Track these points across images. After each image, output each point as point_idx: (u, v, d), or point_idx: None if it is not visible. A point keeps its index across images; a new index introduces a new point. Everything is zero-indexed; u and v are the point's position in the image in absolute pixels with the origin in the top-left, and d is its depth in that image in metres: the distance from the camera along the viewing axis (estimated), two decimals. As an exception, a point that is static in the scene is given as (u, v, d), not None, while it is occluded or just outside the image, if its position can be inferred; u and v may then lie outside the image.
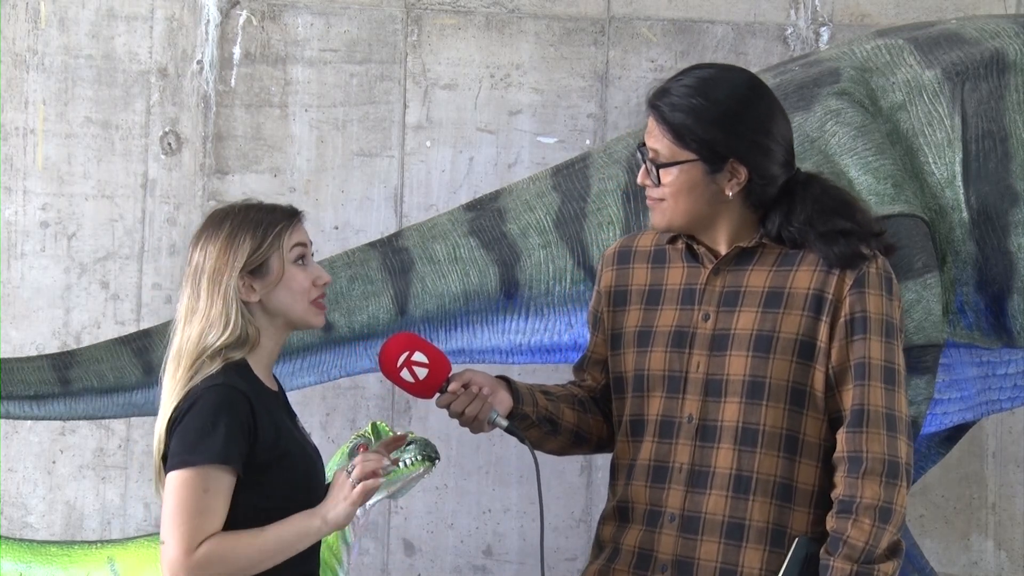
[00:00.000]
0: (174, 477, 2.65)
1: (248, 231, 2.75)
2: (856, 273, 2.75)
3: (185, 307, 2.76)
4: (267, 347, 2.79)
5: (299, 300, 2.79)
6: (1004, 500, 4.92)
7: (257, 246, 2.75)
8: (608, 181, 3.92)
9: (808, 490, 2.76)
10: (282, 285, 2.77)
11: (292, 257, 2.78)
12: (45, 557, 4.01)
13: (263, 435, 2.70)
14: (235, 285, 2.73)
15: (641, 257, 2.93)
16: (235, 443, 2.65)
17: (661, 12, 4.90)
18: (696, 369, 2.79)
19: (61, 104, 4.89)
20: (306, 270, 2.80)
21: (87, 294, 4.87)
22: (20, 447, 4.86)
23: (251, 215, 2.78)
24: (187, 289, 2.77)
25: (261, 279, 2.76)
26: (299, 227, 2.81)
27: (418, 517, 4.88)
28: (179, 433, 2.67)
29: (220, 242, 2.75)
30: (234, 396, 2.68)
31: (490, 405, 2.83)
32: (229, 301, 2.72)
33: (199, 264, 2.75)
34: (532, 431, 2.89)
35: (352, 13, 4.91)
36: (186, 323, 2.75)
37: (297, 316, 2.79)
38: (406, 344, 2.83)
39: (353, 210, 4.86)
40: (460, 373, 2.85)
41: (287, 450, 2.74)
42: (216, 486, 2.64)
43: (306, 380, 4.08)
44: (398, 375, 2.82)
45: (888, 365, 2.74)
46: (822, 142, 3.73)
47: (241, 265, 2.73)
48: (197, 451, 2.64)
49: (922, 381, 3.63)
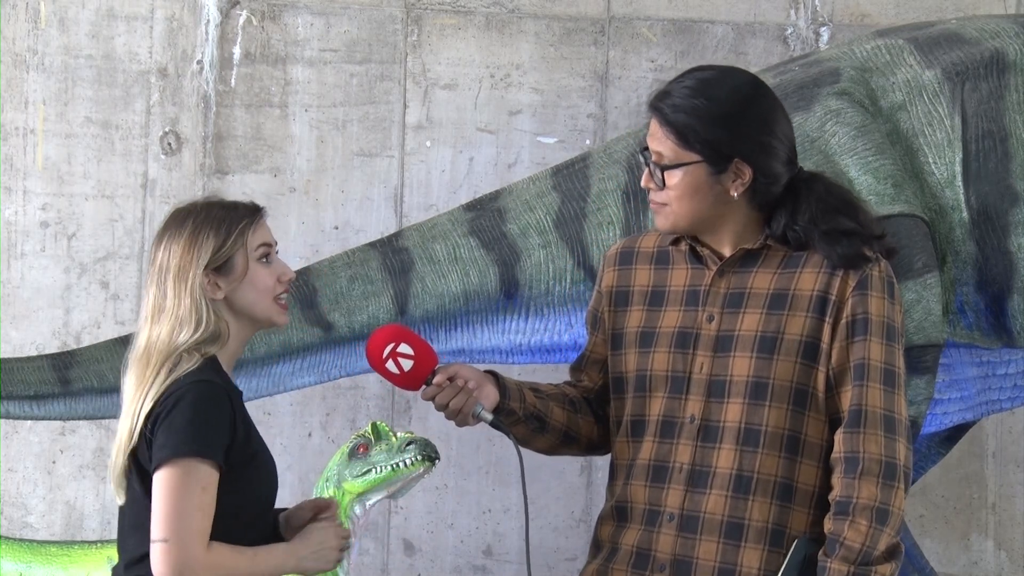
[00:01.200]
0: (167, 472, 2.62)
1: (211, 228, 2.75)
2: (859, 275, 2.75)
3: (151, 306, 2.74)
4: (231, 346, 2.79)
5: (263, 298, 2.78)
6: (1004, 500, 4.92)
7: (221, 243, 2.74)
8: (608, 181, 3.92)
9: (809, 490, 2.76)
10: (246, 282, 2.76)
11: (256, 256, 2.78)
12: (45, 557, 4.01)
13: (239, 434, 2.70)
14: (200, 282, 2.72)
15: (644, 258, 2.93)
16: (219, 440, 2.65)
17: (661, 12, 4.90)
18: (700, 370, 2.79)
19: (61, 104, 4.89)
20: (270, 267, 2.80)
21: (87, 294, 4.87)
22: (20, 447, 4.86)
23: (213, 212, 2.77)
24: (152, 288, 2.75)
25: (225, 276, 2.75)
26: (262, 224, 2.81)
27: (418, 517, 4.88)
28: (165, 427, 2.64)
29: (184, 240, 2.74)
30: (219, 392, 2.68)
31: (475, 399, 2.83)
32: (197, 298, 2.72)
33: (164, 262, 2.74)
34: (519, 427, 2.89)
35: (352, 13, 4.91)
36: (153, 322, 2.73)
37: (260, 313, 2.79)
38: (392, 336, 2.83)
39: (353, 210, 4.86)
40: (446, 366, 2.85)
41: (256, 450, 2.74)
42: (208, 484, 2.63)
43: (306, 380, 4.07)
44: (384, 366, 2.82)
45: (888, 367, 2.74)
46: (822, 142, 3.73)
47: (206, 262, 2.73)
48: (187, 443, 2.62)
49: (922, 381, 3.63)
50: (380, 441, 3.71)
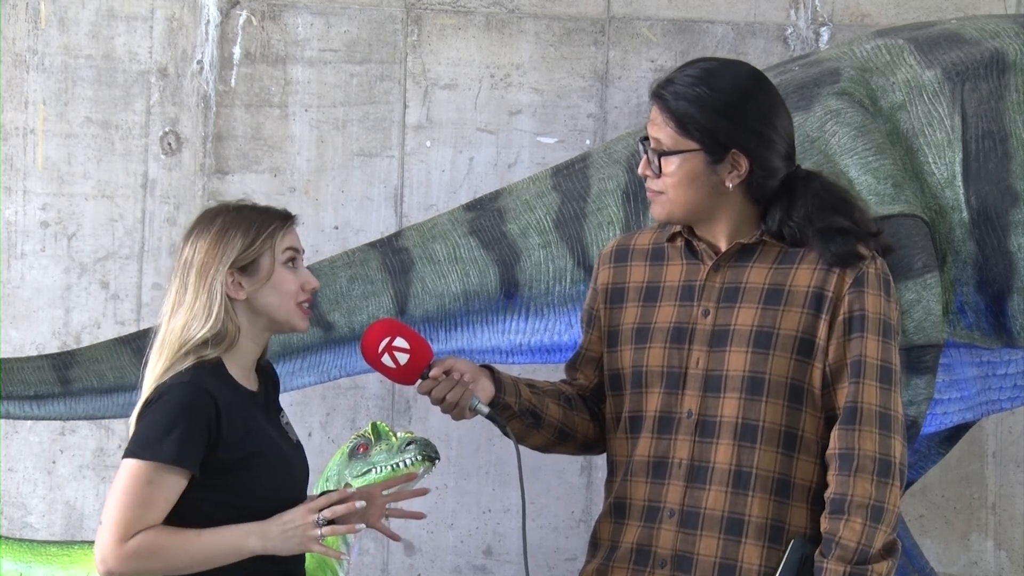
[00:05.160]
0: (125, 464, 2.67)
1: (240, 228, 2.77)
2: (856, 272, 2.75)
3: (172, 300, 2.77)
4: (246, 347, 2.80)
5: (286, 302, 2.79)
6: (1004, 500, 4.92)
7: (249, 244, 2.76)
8: (608, 181, 3.92)
9: (806, 486, 2.76)
10: (270, 285, 2.78)
11: (283, 259, 2.79)
12: (45, 557, 4.01)
13: (228, 435, 2.70)
14: (222, 280, 2.74)
15: (639, 255, 2.93)
16: (191, 444, 2.66)
17: (661, 12, 4.90)
18: (696, 365, 2.80)
19: (61, 104, 4.89)
20: (295, 273, 2.81)
21: (87, 294, 4.87)
22: (20, 447, 4.86)
23: (244, 214, 2.80)
24: (175, 283, 2.78)
25: (250, 277, 2.76)
26: (292, 231, 2.83)
27: (418, 517, 4.87)
28: (140, 425, 2.70)
29: (211, 237, 2.76)
30: (197, 395, 2.69)
31: (471, 392, 2.83)
32: (214, 295, 2.74)
33: (188, 259, 2.77)
34: (514, 422, 2.89)
35: (352, 13, 4.91)
36: (172, 315, 2.76)
37: (282, 317, 2.80)
38: (387, 330, 2.83)
39: (353, 210, 4.87)
40: (442, 360, 2.85)
41: (257, 450, 2.74)
42: (162, 481, 2.65)
43: (306, 380, 4.08)
44: (379, 361, 2.83)
45: (884, 364, 2.74)
46: (822, 142, 3.73)
47: (231, 261, 2.74)
48: (151, 447, 2.66)
49: (922, 381, 3.64)
50: (380, 441, 3.72)
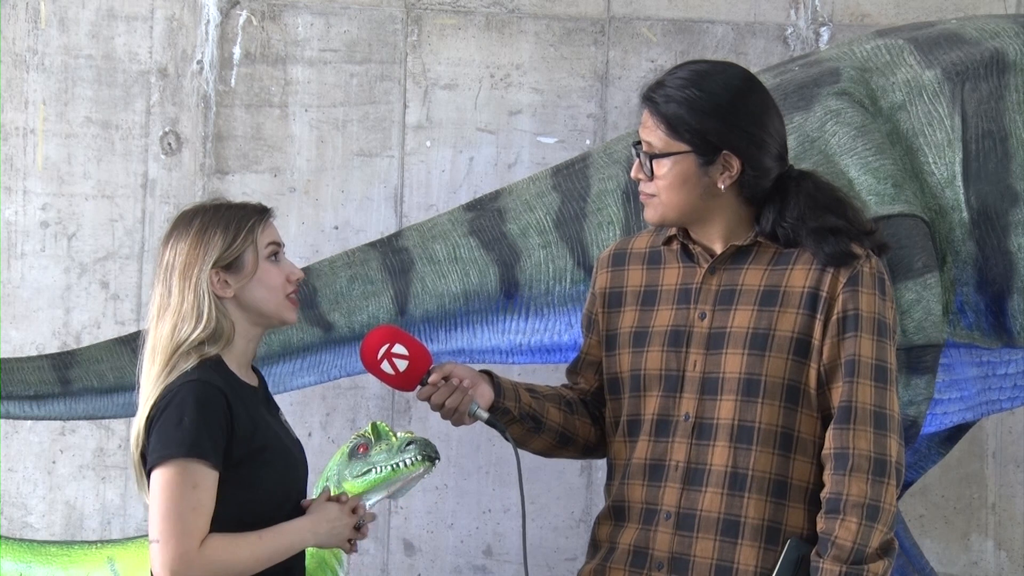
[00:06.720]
0: (159, 475, 2.65)
1: (219, 227, 2.77)
2: (850, 271, 2.75)
3: (157, 305, 2.77)
4: (241, 344, 2.80)
5: (274, 295, 2.80)
6: (1004, 500, 4.92)
7: (231, 242, 2.76)
8: (608, 181, 3.92)
9: (803, 487, 2.76)
10: (256, 280, 2.78)
11: (266, 254, 2.80)
12: (45, 557, 4.01)
13: (240, 430, 2.71)
14: (207, 279, 2.74)
15: (636, 259, 2.93)
16: (213, 439, 2.67)
17: (661, 12, 4.90)
18: (693, 368, 2.80)
19: (61, 104, 4.89)
20: (279, 266, 2.82)
21: (87, 294, 4.87)
22: (20, 447, 4.86)
23: (222, 212, 2.80)
24: (158, 287, 2.78)
25: (235, 274, 2.77)
26: (271, 224, 2.83)
27: (418, 517, 4.88)
28: (157, 430, 2.68)
29: (191, 238, 2.76)
30: (210, 392, 2.69)
31: (471, 397, 2.83)
32: (201, 295, 2.74)
33: (169, 262, 2.77)
34: (514, 427, 2.89)
35: (352, 13, 4.91)
36: (159, 320, 2.76)
37: (271, 311, 2.81)
38: (386, 337, 2.84)
39: (353, 210, 4.87)
40: (441, 365, 2.85)
41: (265, 444, 2.75)
42: (203, 482, 2.65)
43: (306, 380, 4.08)
44: (379, 367, 2.83)
45: (879, 363, 2.74)
46: (822, 142, 3.73)
47: (213, 260, 2.74)
48: (177, 446, 2.65)
49: (922, 381, 3.64)
50: (380, 441, 3.72)
